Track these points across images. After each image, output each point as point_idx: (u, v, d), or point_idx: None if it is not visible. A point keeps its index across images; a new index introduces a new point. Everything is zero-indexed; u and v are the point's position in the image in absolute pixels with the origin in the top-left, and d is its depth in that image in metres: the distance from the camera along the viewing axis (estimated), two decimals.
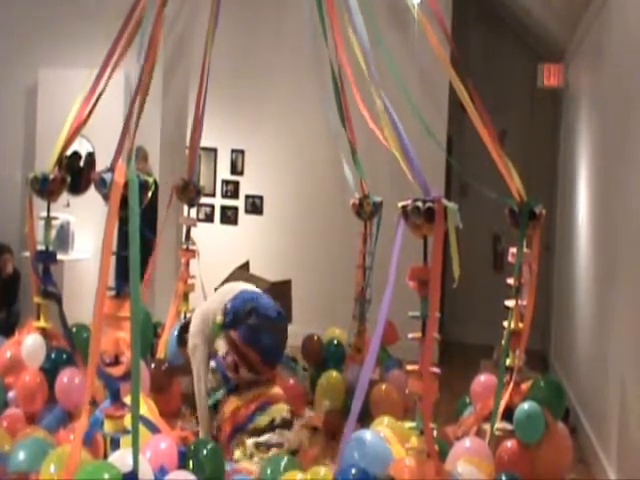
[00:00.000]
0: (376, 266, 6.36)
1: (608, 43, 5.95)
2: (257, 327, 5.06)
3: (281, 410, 5.13)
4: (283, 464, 4.06)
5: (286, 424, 5.11)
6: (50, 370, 4.71)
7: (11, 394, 4.72)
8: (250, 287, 5.42)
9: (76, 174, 7.54)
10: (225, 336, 5.13)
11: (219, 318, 5.14)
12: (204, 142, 7.18)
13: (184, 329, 5.57)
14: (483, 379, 5.08)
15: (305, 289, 7.84)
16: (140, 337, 3.44)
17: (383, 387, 5.85)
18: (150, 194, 4.33)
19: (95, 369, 3.74)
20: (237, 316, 5.08)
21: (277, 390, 5.28)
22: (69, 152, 5.92)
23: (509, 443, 4.46)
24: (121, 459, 3.47)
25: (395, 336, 6.19)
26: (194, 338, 5.31)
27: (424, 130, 4.82)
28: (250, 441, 4.92)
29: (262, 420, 4.98)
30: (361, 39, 4.41)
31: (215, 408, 5.24)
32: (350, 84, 5.62)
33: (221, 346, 5.18)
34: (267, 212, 9.35)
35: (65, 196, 6.45)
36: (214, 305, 5.29)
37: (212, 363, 5.28)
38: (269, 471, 4.04)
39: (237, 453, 4.90)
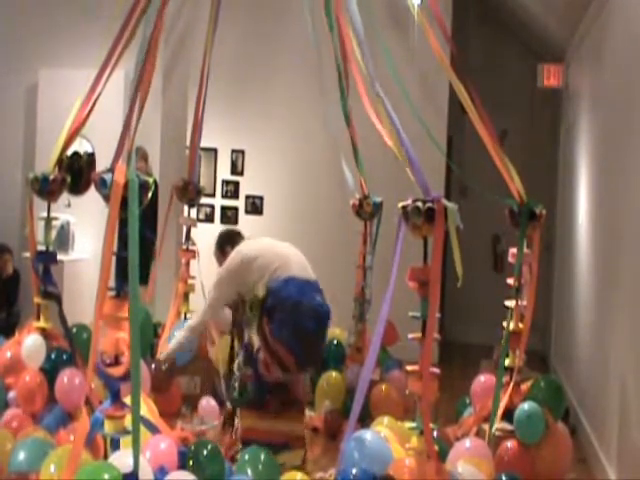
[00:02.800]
0: (376, 266, 6.36)
1: (608, 43, 5.94)
2: (293, 333, 4.64)
3: (293, 458, 4.84)
4: None
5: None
6: (50, 370, 4.70)
7: (11, 394, 4.71)
8: (301, 266, 5.13)
9: (76, 174, 7.55)
10: (258, 326, 4.76)
11: (261, 292, 4.76)
12: (204, 142, 7.19)
13: (225, 239, 5.59)
14: (483, 379, 5.08)
15: None
16: (140, 337, 3.44)
17: (383, 387, 5.86)
18: (150, 194, 4.33)
19: (94, 369, 3.74)
20: (276, 305, 4.69)
21: (300, 430, 4.94)
22: (69, 152, 5.93)
23: (509, 443, 4.46)
24: (121, 459, 3.47)
25: (395, 336, 6.19)
26: (226, 276, 5.03)
27: (424, 130, 4.82)
28: None
29: None
30: (357, 29, 4.41)
31: (234, 411, 5.08)
32: (355, 82, 5.58)
33: (255, 340, 4.85)
34: (267, 212, 9.33)
35: (66, 196, 6.48)
36: (259, 261, 4.92)
37: (240, 357, 4.99)
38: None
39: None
